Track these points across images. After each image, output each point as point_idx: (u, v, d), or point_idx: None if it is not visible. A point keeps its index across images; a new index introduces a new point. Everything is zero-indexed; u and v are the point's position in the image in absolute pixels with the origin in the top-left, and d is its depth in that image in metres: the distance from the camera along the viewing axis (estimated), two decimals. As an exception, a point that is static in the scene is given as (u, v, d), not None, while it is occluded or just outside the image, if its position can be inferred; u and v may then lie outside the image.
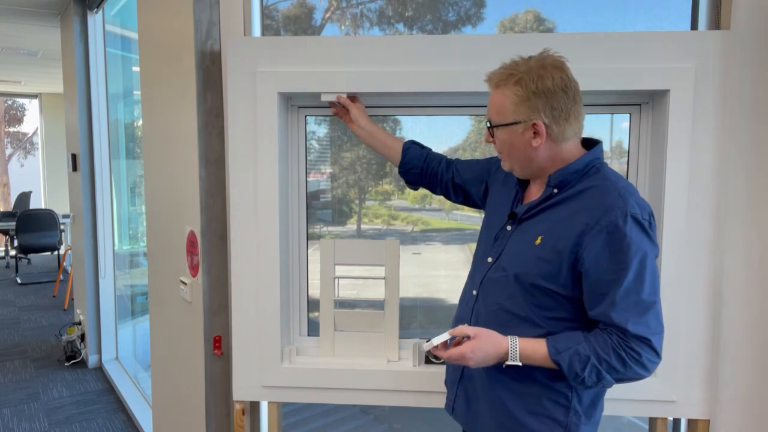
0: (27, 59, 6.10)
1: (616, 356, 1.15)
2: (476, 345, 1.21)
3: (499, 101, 1.24)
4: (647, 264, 1.14)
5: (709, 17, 1.64)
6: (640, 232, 1.14)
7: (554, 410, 1.24)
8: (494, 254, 1.33)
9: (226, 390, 1.97)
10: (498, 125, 1.25)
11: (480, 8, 2.04)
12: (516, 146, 1.24)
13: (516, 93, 1.21)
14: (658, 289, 1.18)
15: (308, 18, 2.18)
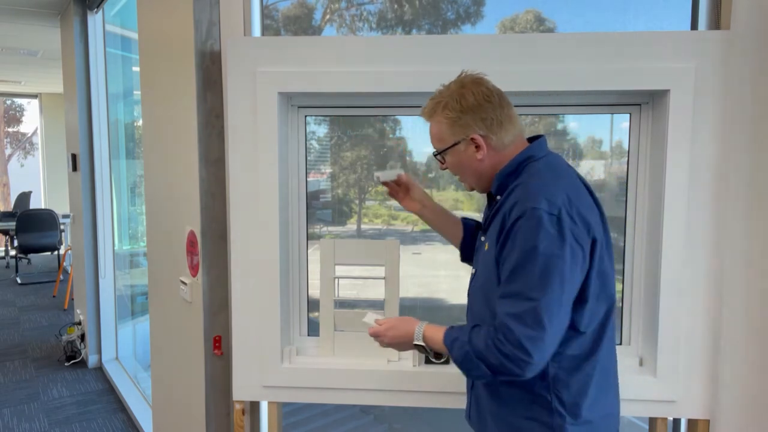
0: (27, 59, 6.10)
1: (485, 346, 1.16)
2: (392, 324, 1.36)
3: (436, 130, 1.32)
4: (537, 258, 1.12)
5: (709, 17, 1.64)
6: (537, 227, 1.12)
7: (541, 413, 1.25)
8: (474, 266, 1.42)
9: (226, 390, 1.97)
10: (442, 151, 1.32)
11: (480, 6, 2.04)
12: (464, 164, 1.31)
13: (447, 117, 1.29)
14: (550, 287, 1.12)
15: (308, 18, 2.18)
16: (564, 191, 1.17)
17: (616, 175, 1.84)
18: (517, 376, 1.15)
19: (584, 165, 1.90)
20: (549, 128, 1.92)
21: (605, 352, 1.26)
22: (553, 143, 1.91)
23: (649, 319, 1.69)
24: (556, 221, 1.13)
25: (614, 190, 1.86)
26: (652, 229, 1.68)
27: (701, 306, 1.62)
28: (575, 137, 1.91)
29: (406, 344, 1.34)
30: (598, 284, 1.22)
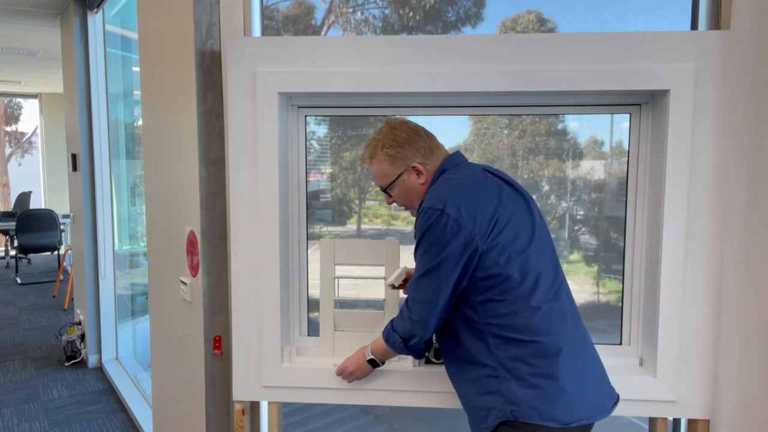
0: (27, 59, 6.10)
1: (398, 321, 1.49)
2: (347, 359, 1.69)
3: (378, 168, 1.52)
4: (419, 248, 1.38)
5: (709, 17, 1.64)
6: (424, 223, 1.36)
7: (491, 384, 1.37)
8: None
9: (226, 390, 1.97)
10: (390, 185, 1.51)
11: (480, 8, 2.04)
12: (411, 191, 1.50)
13: (387, 154, 1.49)
14: (428, 273, 1.37)
15: (308, 18, 2.18)
16: (450, 192, 1.37)
17: (616, 175, 1.84)
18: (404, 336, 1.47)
19: (584, 165, 1.90)
20: (549, 128, 1.92)
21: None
22: (553, 143, 1.91)
23: (649, 319, 1.69)
24: (439, 214, 1.33)
25: (614, 190, 1.86)
26: (652, 229, 1.68)
27: (701, 306, 1.62)
28: (575, 137, 1.91)
29: (364, 365, 1.65)
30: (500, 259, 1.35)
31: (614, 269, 1.87)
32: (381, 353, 1.61)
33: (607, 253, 1.89)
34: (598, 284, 1.93)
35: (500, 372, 1.35)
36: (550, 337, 1.32)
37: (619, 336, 1.78)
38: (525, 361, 1.32)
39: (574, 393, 1.31)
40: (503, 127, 1.94)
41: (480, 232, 1.32)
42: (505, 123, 1.94)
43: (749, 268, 1.59)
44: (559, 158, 1.90)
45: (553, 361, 1.31)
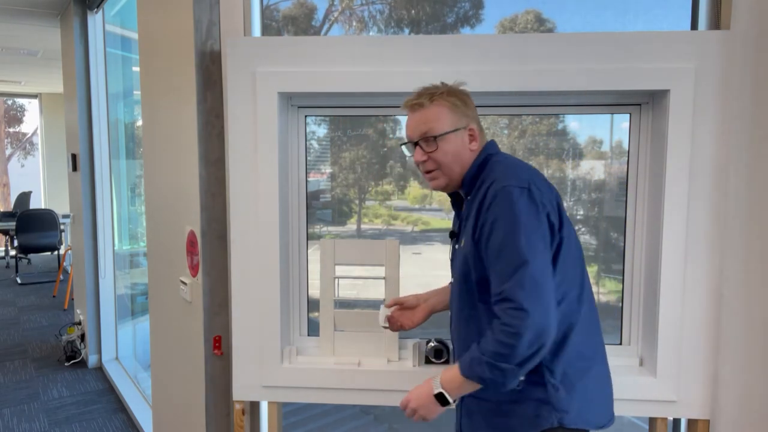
0: (27, 59, 6.10)
1: (494, 341, 1.15)
2: (410, 393, 1.31)
3: (434, 113, 1.32)
4: (519, 229, 1.17)
5: (709, 17, 1.64)
6: (509, 199, 1.19)
7: (536, 391, 1.27)
8: (452, 274, 1.44)
9: (226, 390, 1.97)
10: (442, 135, 1.31)
11: (479, 9, 2.04)
12: (459, 154, 1.33)
13: (451, 102, 1.33)
14: (534, 249, 1.16)
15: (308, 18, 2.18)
16: (526, 171, 1.26)
17: (616, 175, 1.84)
18: (530, 351, 1.13)
19: (584, 165, 1.90)
20: (549, 128, 1.92)
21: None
22: (554, 143, 1.91)
23: (649, 319, 1.69)
24: (527, 192, 1.20)
25: (614, 190, 1.86)
26: (652, 229, 1.68)
27: (701, 306, 1.62)
28: (575, 137, 1.91)
29: (431, 402, 1.26)
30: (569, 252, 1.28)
31: (614, 269, 1.87)
32: (456, 387, 1.24)
33: (607, 253, 1.89)
34: (598, 284, 1.93)
35: (548, 378, 1.26)
36: (590, 340, 1.32)
37: (619, 336, 1.78)
38: (571, 365, 1.27)
39: (607, 395, 1.34)
40: (503, 127, 1.94)
41: (556, 223, 1.24)
42: (505, 123, 1.94)
43: (749, 267, 1.59)
44: (559, 158, 1.90)
45: (592, 365, 1.31)
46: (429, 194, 2.23)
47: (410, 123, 1.35)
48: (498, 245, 1.19)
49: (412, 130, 1.34)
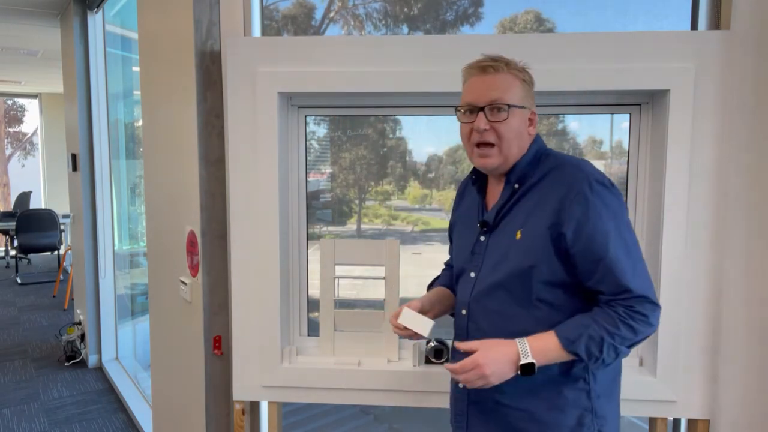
0: (27, 59, 6.10)
1: (626, 327, 1.14)
2: (484, 354, 1.15)
3: (510, 81, 1.21)
4: (623, 222, 1.17)
5: (709, 17, 1.64)
6: (609, 194, 1.17)
7: (577, 398, 1.22)
8: (475, 268, 1.30)
9: (226, 390, 1.97)
10: (513, 107, 1.20)
11: (478, 7, 2.04)
12: (521, 133, 1.23)
13: (524, 78, 1.24)
14: (638, 243, 1.19)
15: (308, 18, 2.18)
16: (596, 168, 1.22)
17: (616, 175, 1.84)
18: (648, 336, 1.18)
19: (584, 165, 1.90)
20: (549, 128, 1.92)
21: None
22: (554, 143, 1.91)
23: (649, 319, 1.69)
24: (614, 188, 1.19)
25: (614, 190, 1.85)
26: (652, 228, 1.68)
27: (701, 306, 1.62)
28: (575, 137, 1.91)
29: (511, 369, 1.15)
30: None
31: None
32: (546, 360, 1.16)
33: (607, 253, 1.89)
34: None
35: (591, 384, 1.22)
36: None
37: (619, 336, 1.78)
38: (606, 370, 1.24)
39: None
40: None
41: None
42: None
43: (749, 267, 1.59)
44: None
45: (618, 368, 1.30)
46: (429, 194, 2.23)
47: (478, 86, 1.22)
48: (605, 243, 1.14)
49: (479, 94, 1.21)
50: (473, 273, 1.30)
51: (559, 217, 1.17)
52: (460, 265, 1.36)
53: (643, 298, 1.15)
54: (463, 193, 1.46)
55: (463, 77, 1.29)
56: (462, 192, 1.48)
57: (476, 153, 1.25)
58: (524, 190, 1.24)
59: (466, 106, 1.24)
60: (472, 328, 1.30)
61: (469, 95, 1.24)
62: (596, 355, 1.15)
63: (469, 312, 1.31)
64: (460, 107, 1.27)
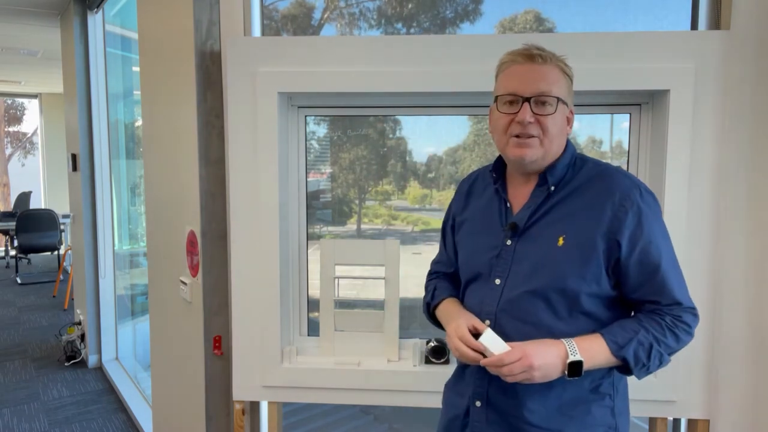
0: (27, 59, 6.10)
1: (671, 335, 1.12)
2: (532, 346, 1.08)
3: (558, 76, 1.15)
4: (666, 234, 1.16)
5: (709, 17, 1.64)
6: (656, 204, 1.15)
7: (603, 416, 1.18)
8: (501, 274, 1.20)
9: (226, 390, 1.97)
10: (560, 102, 1.14)
11: (478, 4, 2.04)
12: (562, 131, 1.16)
13: (568, 74, 1.18)
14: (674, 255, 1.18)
15: (308, 18, 2.18)
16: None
17: (616, 175, 1.84)
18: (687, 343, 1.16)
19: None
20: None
21: None
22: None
23: (649, 319, 1.69)
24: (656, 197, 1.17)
25: (614, 190, 1.85)
26: (652, 229, 1.68)
27: (701, 306, 1.61)
28: (575, 137, 1.91)
29: (558, 368, 1.08)
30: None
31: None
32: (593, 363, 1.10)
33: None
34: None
35: (616, 402, 1.18)
36: None
37: (619, 336, 1.78)
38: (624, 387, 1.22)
39: None
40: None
41: None
42: (505, 123, 1.94)
43: (748, 267, 1.59)
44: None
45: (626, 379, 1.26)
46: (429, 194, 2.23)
47: (524, 75, 1.13)
48: (655, 252, 1.12)
49: (525, 84, 1.13)
50: (498, 280, 1.20)
51: (613, 226, 1.11)
52: (475, 269, 1.25)
53: (690, 309, 1.14)
54: (471, 191, 1.35)
55: (502, 65, 1.20)
56: (469, 190, 1.36)
57: (513, 142, 1.15)
58: (563, 195, 1.17)
59: (509, 96, 1.14)
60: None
61: (512, 84, 1.14)
62: (643, 362, 1.11)
63: (496, 322, 1.19)
64: (500, 96, 1.17)
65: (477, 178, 1.37)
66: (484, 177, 1.33)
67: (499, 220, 1.23)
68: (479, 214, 1.29)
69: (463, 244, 1.32)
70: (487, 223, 1.26)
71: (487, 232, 1.25)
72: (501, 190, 1.25)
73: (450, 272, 1.41)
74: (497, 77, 1.21)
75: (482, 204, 1.29)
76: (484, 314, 1.20)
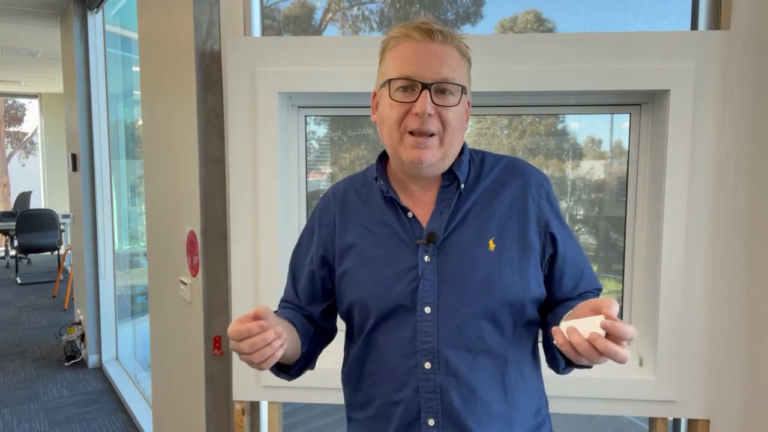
0: (27, 59, 6.10)
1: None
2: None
3: (459, 60, 0.96)
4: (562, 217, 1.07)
5: (709, 17, 1.64)
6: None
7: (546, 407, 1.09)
8: (431, 299, 0.96)
9: (226, 390, 1.97)
10: (463, 91, 0.96)
11: (479, 6, 2.04)
12: (463, 127, 0.99)
13: (468, 59, 1.00)
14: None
15: (308, 18, 2.18)
16: None
17: (616, 175, 1.84)
18: None
19: (584, 165, 1.90)
20: (549, 128, 1.92)
21: None
22: (553, 143, 1.91)
23: (649, 319, 1.69)
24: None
25: (614, 190, 1.86)
26: (652, 229, 1.68)
27: (701, 306, 1.62)
28: (575, 137, 1.91)
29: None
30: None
31: (614, 269, 1.87)
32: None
33: (607, 253, 1.89)
34: (598, 284, 1.92)
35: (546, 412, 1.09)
36: None
37: (619, 336, 1.78)
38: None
39: None
40: (503, 127, 1.94)
41: None
42: (505, 123, 1.94)
43: (749, 267, 1.59)
44: (559, 158, 1.90)
45: None
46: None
47: (425, 56, 0.93)
48: (571, 240, 1.04)
49: (426, 67, 0.92)
50: (429, 308, 0.96)
51: (540, 219, 1.00)
52: (389, 303, 0.98)
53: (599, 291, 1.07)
54: (345, 210, 1.08)
55: (391, 39, 0.98)
56: (342, 209, 1.09)
57: (410, 142, 0.94)
58: (476, 194, 1.01)
59: (404, 81, 0.93)
60: (450, 385, 0.96)
61: (407, 66, 0.93)
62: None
63: (439, 360, 0.95)
64: (392, 80, 0.95)
65: (346, 191, 1.10)
66: (359, 189, 1.09)
67: (406, 235, 1.00)
68: (371, 234, 1.04)
69: (356, 277, 1.04)
70: (388, 242, 1.01)
71: (392, 254, 1.00)
72: (396, 198, 1.02)
73: (298, 305, 1.20)
74: (384, 54, 0.99)
75: (372, 220, 1.04)
76: (421, 354, 0.96)
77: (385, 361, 1.01)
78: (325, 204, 1.12)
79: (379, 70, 1.01)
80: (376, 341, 1.02)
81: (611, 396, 1.64)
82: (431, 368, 0.96)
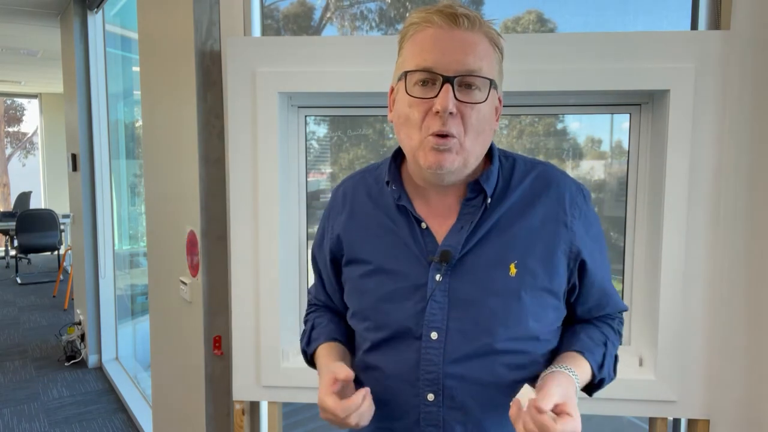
0: (27, 59, 6.10)
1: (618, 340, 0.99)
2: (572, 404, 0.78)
3: (487, 47, 0.83)
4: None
5: (709, 17, 1.64)
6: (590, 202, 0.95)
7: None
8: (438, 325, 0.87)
9: (226, 390, 1.97)
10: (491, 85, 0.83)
11: (479, 6, 2.04)
12: (491, 128, 0.86)
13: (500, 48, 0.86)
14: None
15: (308, 18, 2.18)
16: None
17: (616, 175, 1.84)
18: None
19: (584, 165, 1.90)
20: (549, 128, 1.92)
21: None
22: (553, 143, 1.91)
23: (649, 319, 1.69)
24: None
25: (614, 190, 1.86)
26: (652, 229, 1.68)
27: (701, 306, 1.62)
28: (575, 137, 1.91)
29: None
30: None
31: (614, 269, 1.87)
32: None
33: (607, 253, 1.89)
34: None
35: None
36: None
37: (619, 336, 1.78)
38: None
39: None
40: (503, 127, 1.94)
41: None
42: (504, 123, 1.94)
43: (749, 267, 1.59)
44: (559, 158, 1.90)
45: None
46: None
47: (448, 44, 0.81)
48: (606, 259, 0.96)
49: (447, 57, 0.80)
50: (435, 334, 0.87)
51: (572, 244, 0.88)
52: (393, 325, 0.90)
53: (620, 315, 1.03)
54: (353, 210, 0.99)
55: (411, 26, 0.85)
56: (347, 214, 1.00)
57: (431, 144, 0.81)
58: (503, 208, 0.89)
59: (423, 73, 0.81)
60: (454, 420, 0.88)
61: (427, 56, 0.81)
62: (612, 377, 0.94)
63: (444, 394, 0.87)
64: (409, 72, 0.83)
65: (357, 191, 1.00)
66: (371, 187, 0.98)
67: (417, 249, 0.89)
68: (379, 241, 0.93)
69: (360, 288, 0.95)
70: (397, 254, 0.91)
71: (400, 268, 0.90)
72: (409, 206, 0.91)
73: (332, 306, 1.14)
74: (402, 44, 0.87)
75: (381, 227, 0.94)
76: (424, 383, 0.87)
77: (385, 384, 0.92)
78: (333, 204, 1.05)
79: (396, 62, 0.89)
80: (377, 360, 0.94)
81: (611, 396, 1.64)
82: (434, 400, 0.87)
